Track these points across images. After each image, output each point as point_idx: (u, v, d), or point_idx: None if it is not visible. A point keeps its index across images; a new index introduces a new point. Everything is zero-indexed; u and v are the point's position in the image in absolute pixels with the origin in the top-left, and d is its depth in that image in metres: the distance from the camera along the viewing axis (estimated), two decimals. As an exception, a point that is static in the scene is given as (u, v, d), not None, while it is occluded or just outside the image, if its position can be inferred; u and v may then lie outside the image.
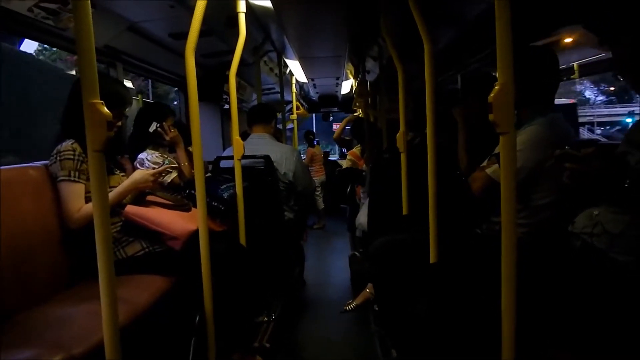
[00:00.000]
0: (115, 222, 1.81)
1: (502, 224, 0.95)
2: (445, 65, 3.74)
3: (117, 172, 1.94)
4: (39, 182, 1.68)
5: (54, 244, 1.67)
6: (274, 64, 4.30)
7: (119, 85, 1.98)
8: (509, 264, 0.94)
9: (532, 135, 1.58)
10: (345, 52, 3.75)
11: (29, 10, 1.73)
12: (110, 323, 1.04)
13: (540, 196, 1.60)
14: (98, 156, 1.03)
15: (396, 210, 2.10)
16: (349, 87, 6.37)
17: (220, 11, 2.43)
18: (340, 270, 3.98)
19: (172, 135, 2.30)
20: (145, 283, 1.67)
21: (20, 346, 1.17)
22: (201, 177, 1.74)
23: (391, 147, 2.65)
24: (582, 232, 1.34)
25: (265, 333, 2.33)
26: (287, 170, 2.81)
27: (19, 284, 1.47)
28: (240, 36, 2.14)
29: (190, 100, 1.71)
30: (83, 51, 0.99)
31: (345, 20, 2.75)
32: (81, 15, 0.99)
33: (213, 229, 2.01)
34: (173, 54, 3.04)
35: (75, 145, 1.71)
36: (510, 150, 0.95)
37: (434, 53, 1.55)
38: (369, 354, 2.36)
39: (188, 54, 1.68)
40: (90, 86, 1.00)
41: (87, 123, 1.00)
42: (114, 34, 2.43)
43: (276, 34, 3.32)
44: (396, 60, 2.09)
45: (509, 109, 0.93)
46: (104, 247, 1.04)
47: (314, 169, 6.03)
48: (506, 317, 0.95)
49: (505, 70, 0.93)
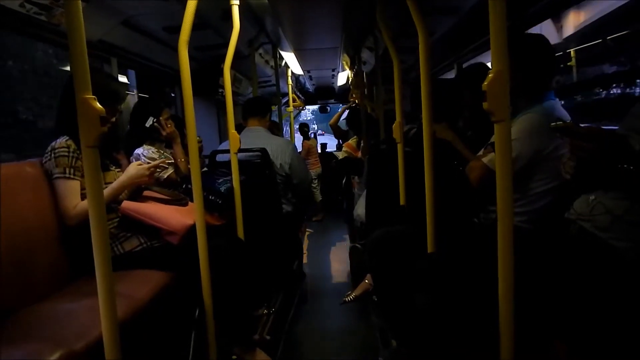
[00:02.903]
0: (112, 218, 1.80)
1: (499, 212, 0.95)
2: (442, 55, 3.73)
3: (113, 168, 1.93)
4: (37, 178, 1.67)
5: (53, 241, 1.66)
6: (269, 56, 4.28)
7: (112, 80, 1.97)
8: (506, 253, 0.94)
9: (529, 124, 1.58)
10: (340, 43, 3.74)
11: (20, 5, 1.71)
12: (108, 318, 1.04)
13: (537, 185, 1.60)
14: (92, 152, 1.02)
15: (394, 201, 2.10)
16: (345, 78, 6.35)
17: (214, 3, 2.41)
18: (339, 261, 3.99)
19: (168, 131, 2.29)
20: (144, 278, 1.67)
21: (21, 342, 1.17)
22: (197, 171, 1.74)
23: (388, 138, 2.65)
24: (578, 217, 1.35)
25: (265, 326, 2.34)
26: (283, 162, 2.81)
27: (18, 281, 1.47)
28: (234, 28, 2.13)
29: (184, 94, 1.70)
30: (75, 46, 0.98)
31: (340, 11, 2.73)
32: (72, 9, 0.98)
33: (211, 223, 2.01)
34: (168, 48, 3.02)
35: (69, 142, 1.71)
36: (506, 138, 0.95)
37: (429, 44, 1.55)
38: (369, 345, 2.37)
39: (181, 47, 1.67)
40: (82, 81, 0.99)
41: (80, 119, 1.00)
42: (108, 29, 2.41)
43: (271, 26, 3.30)
44: (392, 51, 2.08)
45: (503, 96, 0.93)
46: (101, 243, 1.04)
47: (310, 161, 6.03)
48: (504, 306, 0.95)
49: (499, 58, 0.93)
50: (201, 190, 1.75)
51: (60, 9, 1.83)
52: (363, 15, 2.94)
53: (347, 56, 4.75)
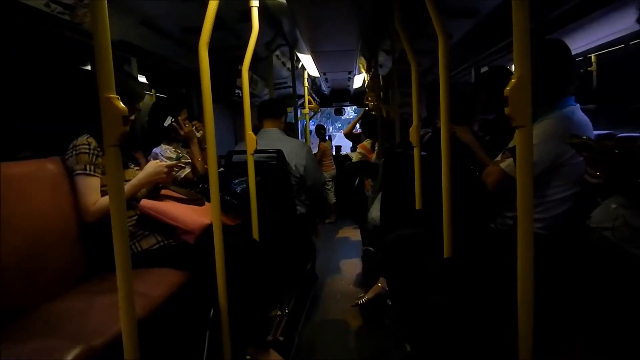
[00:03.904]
0: (131, 216, 1.82)
1: (519, 219, 0.94)
2: (459, 59, 3.70)
3: (132, 166, 1.95)
4: (57, 175, 1.69)
5: (71, 237, 1.68)
6: (285, 58, 4.29)
7: (131, 79, 1.99)
8: (526, 260, 0.93)
9: (548, 129, 1.56)
10: (357, 46, 3.73)
11: (45, 5, 1.75)
12: (127, 315, 1.05)
13: (555, 191, 1.59)
14: (114, 151, 1.04)
15: (408, 205, 2.09)
16: (361, 81, 6.34)
17: (232, 5, 2.43)
18: (351, 264, 3.98)
19: (186, 130, 2.31)
20: (160, 277, 1.69)
21: (41, 338, 1.19)
22: (215, 171, 1.74)
23: (403, 141, 2.63)
24: (599, 226, 1.33)
25: (279, 327, 2.34)
26: (297, 164, 2.81)
27: (38, 277, 1.49)
28: (253, 30, 2.13)
29: (203, 95, 1.70)
30: (99, 46, 1.00)
31: (357, 14, 2.73)
32: (98, 10, 0.99)
33: (226, 223, 2.02)
34: (186, 49, 3.04)
35: (90, 139, 1.73)
36: (527, 144, 0.94)
37: (448, 46, 1.54)
38: (381, 348, 2.37)
39: (202, 49, 1.67)
40: (106, 81, 1.00)
41: (103, 118, 1.01)
42: (128, 29, 2.43)
43: (288, 28, 3.31)
44: (409, 53, 2.07)
45: (525, 102, 0.92)
46: (121, 241, 1.05)
47: (325, 163, 6.02)
48: (523, 312, 0.94)
49: (521, 63, 0.92)
50: (218, 190, 1.75)
51: (84, 9, 1.86)
52: (380, 17, 2.93)
53: (364, 58, 4.74)
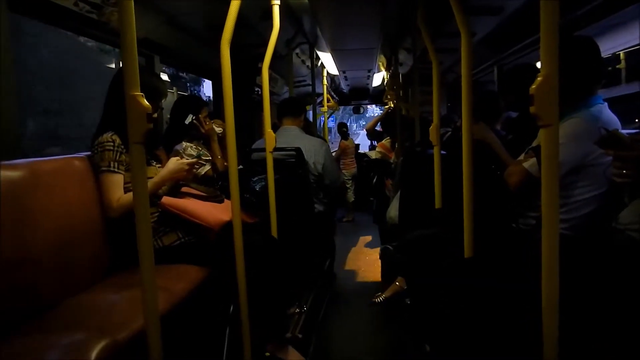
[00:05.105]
0: (153, 212, 1.84)
1: (543, 220, 0.92)
2: (481, 57, 3.65)
3: (154, 163, 1.98)
4: (83, 172, 1.72)
5: (97, 233, 1.71)
6: (305, 56, 4.30)
7: (154, 77, 2.02)
8: (551, 261, 0.92)
9: (574, 128, 1.53)
10: (378, 44, 3.71)
11: (74, 4, 1.79)
12: (151, 310, 1.07)
13: (581, 191, 1.55)
14: (139, 148, 1.05)
15: (428, 204, 2.07)
16: (381, 79, 6.31)
17: (254, 3, 2.44)
18: (369, 262, 3.97)
19: (207, 128, 2.33)
20: (181, 273, 1.71)
21: (67, 331, 1.21)
22: (235, 169, 1.75)
23: (423, 140, 2.61)
24: (627, 227, 1.29)
25: (298, 324, 2.35)
26: (316, 162, 2.82)
27: (65, 271, 1.51)
28: (274, 28, 2.14)
29: (225, 93, 1.70)
30: (126, 45, 1.01)
31: (379, 12, 2.71)
32: (125, 9, 1.01)
33: (245, 220, 2.03)
34: (207, 47, 3.06)
35: (114, 136, 1.76)
36: (553, 144, 0.92)
37: (472, 44, 1.52)
38: (399, 347, 2.36)
39: (224, 46, 1.68)
40: (132, 79, 1.02)
41: (128, 115, 1.03)
42: (153, 27, 2.47)
43: (309, 26, 3.32)
44: (431, 52, 2.06)
45: (552, 101, 0.90)
46: (145, 237, 1.06)
47: (346, 161, 6.01)
48: (548, 313, 0.92)
49: (549, 61, 0.90)
50: (238, 188, 1.76)
51: (111, 8, 1.90)
52: (402, 15, 2.91)
53: (384, 57, 4.72)
